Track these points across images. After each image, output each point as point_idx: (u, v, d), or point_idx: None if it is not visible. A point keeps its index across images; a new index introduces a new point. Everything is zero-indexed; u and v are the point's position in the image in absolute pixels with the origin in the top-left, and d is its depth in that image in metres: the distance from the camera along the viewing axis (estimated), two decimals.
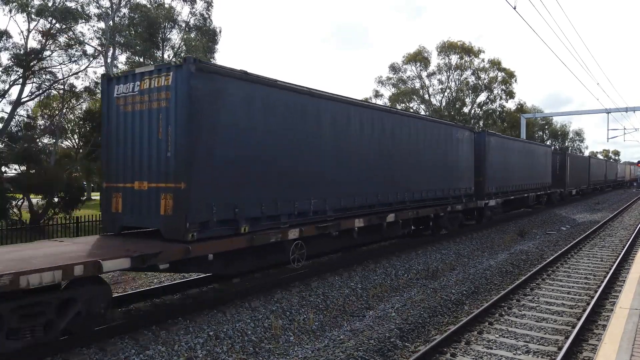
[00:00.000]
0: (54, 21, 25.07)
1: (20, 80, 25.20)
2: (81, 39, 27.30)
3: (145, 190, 8.11)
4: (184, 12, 32.85)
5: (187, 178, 7.65)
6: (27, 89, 26.86)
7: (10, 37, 25.07)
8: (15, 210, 17.10)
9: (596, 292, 10.47)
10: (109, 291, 6.96)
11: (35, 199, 18.41)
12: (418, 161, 14.64)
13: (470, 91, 53.91)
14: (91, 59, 27.96)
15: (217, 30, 32.39)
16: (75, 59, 27.22)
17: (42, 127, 28.84)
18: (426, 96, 54.33)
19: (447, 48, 52.58)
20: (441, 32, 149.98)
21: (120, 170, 8.54)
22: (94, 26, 28.16)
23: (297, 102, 9.95)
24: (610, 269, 12.79)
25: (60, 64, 27.02)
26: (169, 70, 7.93)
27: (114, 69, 28.22)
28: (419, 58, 52.46)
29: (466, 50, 52.33)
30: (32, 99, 27.67)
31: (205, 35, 31.65)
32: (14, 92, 29.75)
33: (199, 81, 7.75)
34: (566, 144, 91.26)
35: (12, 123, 26.00)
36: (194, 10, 31.51)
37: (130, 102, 8.35)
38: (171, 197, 7.77)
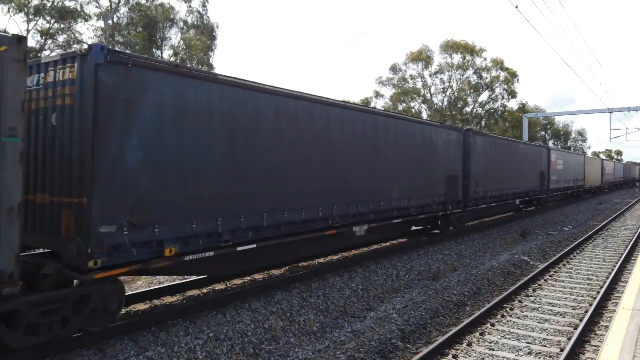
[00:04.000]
0: (52, 20, 25.08)
1: None
2: (80, 38, 27.34)
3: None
4: (181, 11, 32.82)
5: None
6: None
7: None
8: None
9: (598, 292, 10.41)
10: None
11: None
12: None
13: (471, 90, 53.84)
14: None
15: (215, 25, 32.41)
16: None
17: None
18: (428, 96, 54.29)
19: (449, 47, 52.53)
20: (442, 32, 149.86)
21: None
22: (92, 25, 28.21)
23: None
24: (612, 269, 12.73)
25: None
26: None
27: None
28: (421, 57, 52.40)
29: (469, 50, 52.26)
30: None
31: (204, 33, 31.64)
32: None
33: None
34: (568, 144, 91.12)
35: None
36: (190, 7, 31.53)
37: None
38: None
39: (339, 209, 10.70)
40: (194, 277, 10.08)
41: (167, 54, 31.53)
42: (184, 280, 10.04)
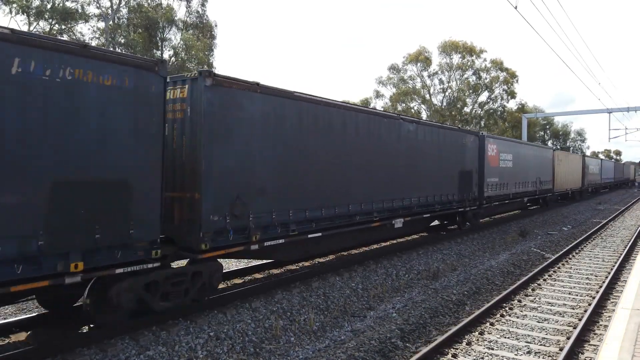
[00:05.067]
0: (54, 22, 25.12)
1: None
2: (82, 39, 27.35)
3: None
4: (180, 10, 32.87)
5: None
6: None
7: None
8: None
9: (598, 292, 10.44)
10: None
11: None
12: None
13: (471, 91, 53.89)
14: None
15: (213, 24, 32.57)
16: None
17: None
18: (427, 96, 54.31)
19: (448, 47, 52.58)
20: (442, 32, 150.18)
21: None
22: (93, 26, 28.27)
23: None
24: (611, 269, 12.76)
25: None
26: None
27: None
28: (420, 58, 52.44)
29: (468, 50, 52.32)
30: None
31: (202, 33, 31.76)
32: None
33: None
34: (567, 144, 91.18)
35: None
36: (190, 8, 31.70)
37: None
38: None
39: None
40: None
41: (167, 54, 31.60)
42: None
